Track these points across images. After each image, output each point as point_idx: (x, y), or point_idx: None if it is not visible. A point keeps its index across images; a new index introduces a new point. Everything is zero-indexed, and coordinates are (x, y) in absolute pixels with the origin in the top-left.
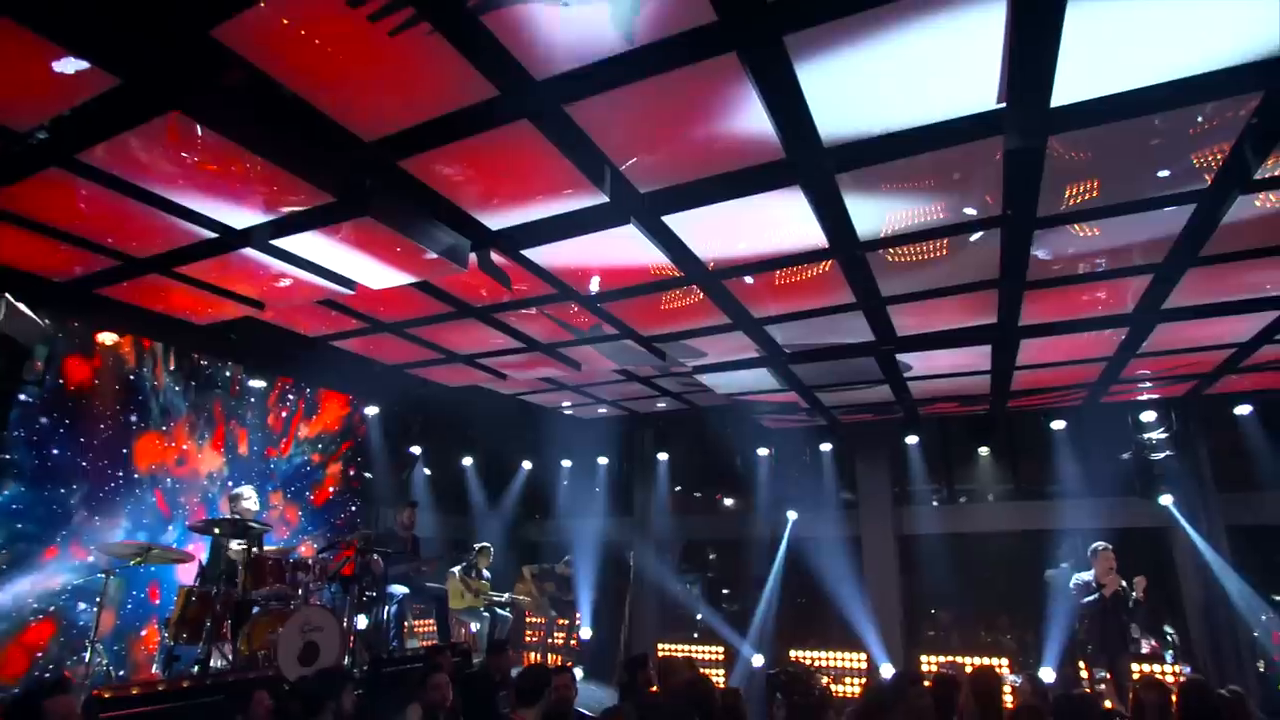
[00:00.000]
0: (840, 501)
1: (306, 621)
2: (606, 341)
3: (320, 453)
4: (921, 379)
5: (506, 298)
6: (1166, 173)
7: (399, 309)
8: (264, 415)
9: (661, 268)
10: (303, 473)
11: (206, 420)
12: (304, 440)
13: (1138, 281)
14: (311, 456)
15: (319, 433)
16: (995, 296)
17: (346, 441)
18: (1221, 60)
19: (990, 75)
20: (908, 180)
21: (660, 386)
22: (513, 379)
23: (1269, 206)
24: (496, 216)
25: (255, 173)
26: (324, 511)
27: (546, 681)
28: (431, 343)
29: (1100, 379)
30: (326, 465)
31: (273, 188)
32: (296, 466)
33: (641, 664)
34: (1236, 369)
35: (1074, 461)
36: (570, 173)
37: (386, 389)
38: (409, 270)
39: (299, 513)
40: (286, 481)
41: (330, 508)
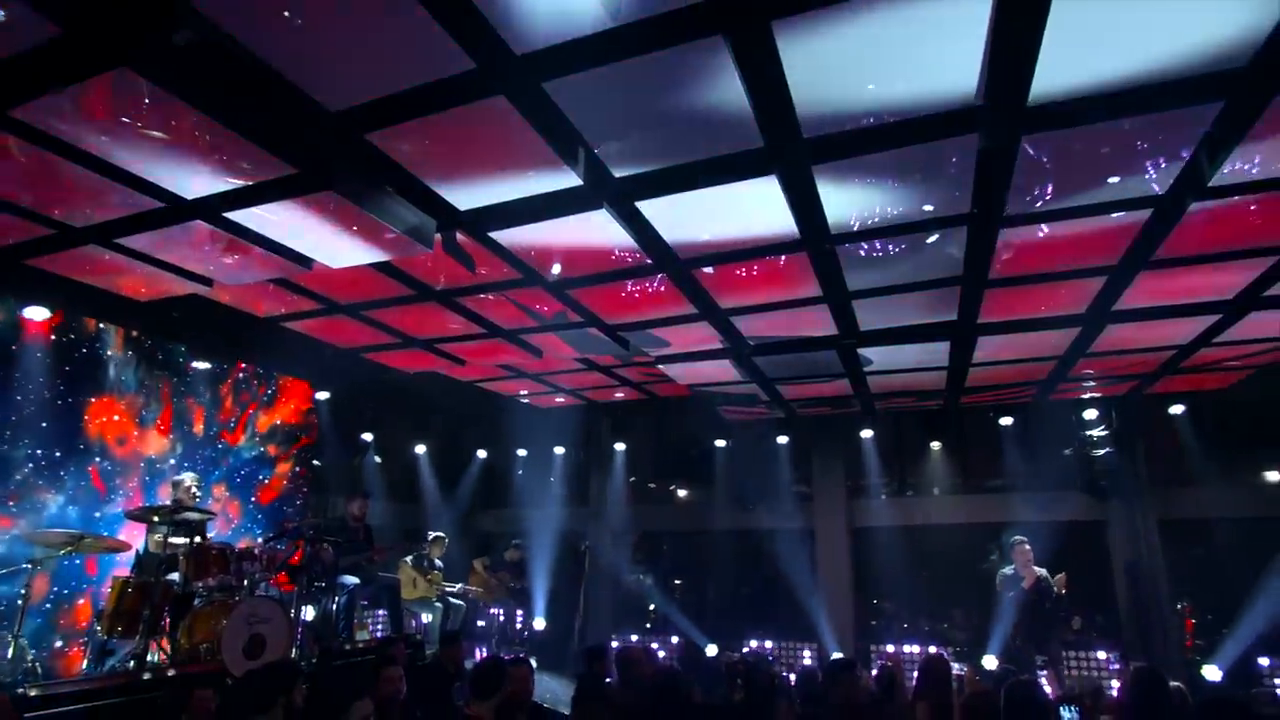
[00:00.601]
0: (796, 494)
1: (252, 613)
2: (570, 329)
3: (275, 446)
4: (880, 373)
5: (470, 281)
6: (1119, 179)
7: (357, 290)
8: (217, 401)
9: (631, 254)
10: (251, 467)
11: (154, 400)
12: (257, 435)
13: (1092, 283)
14: (268, 448)
15: (274, 426)
16: (957, 293)
17: (304, 438)
18: (1192, 64)
19: (970, 72)
20: (882, 175)
21: (620, 376)
22: (472, 365)
23: (1218, 213)
24: (465, 196)
25: (210, 139)
26: (268, 510)
27: (502, 674)
28: (389, 326)
29: (1050, 377)
30: (277, 463)
31: (229, 156)
32: (245, 460)
33: (600, 655)
34: (1175, 370)
35: (1020, 456)
36: (544, 153)
37: (339, 373)
38: (371, 249)
39: (241, 509)
40: (232, 475)
41: (275, 507)
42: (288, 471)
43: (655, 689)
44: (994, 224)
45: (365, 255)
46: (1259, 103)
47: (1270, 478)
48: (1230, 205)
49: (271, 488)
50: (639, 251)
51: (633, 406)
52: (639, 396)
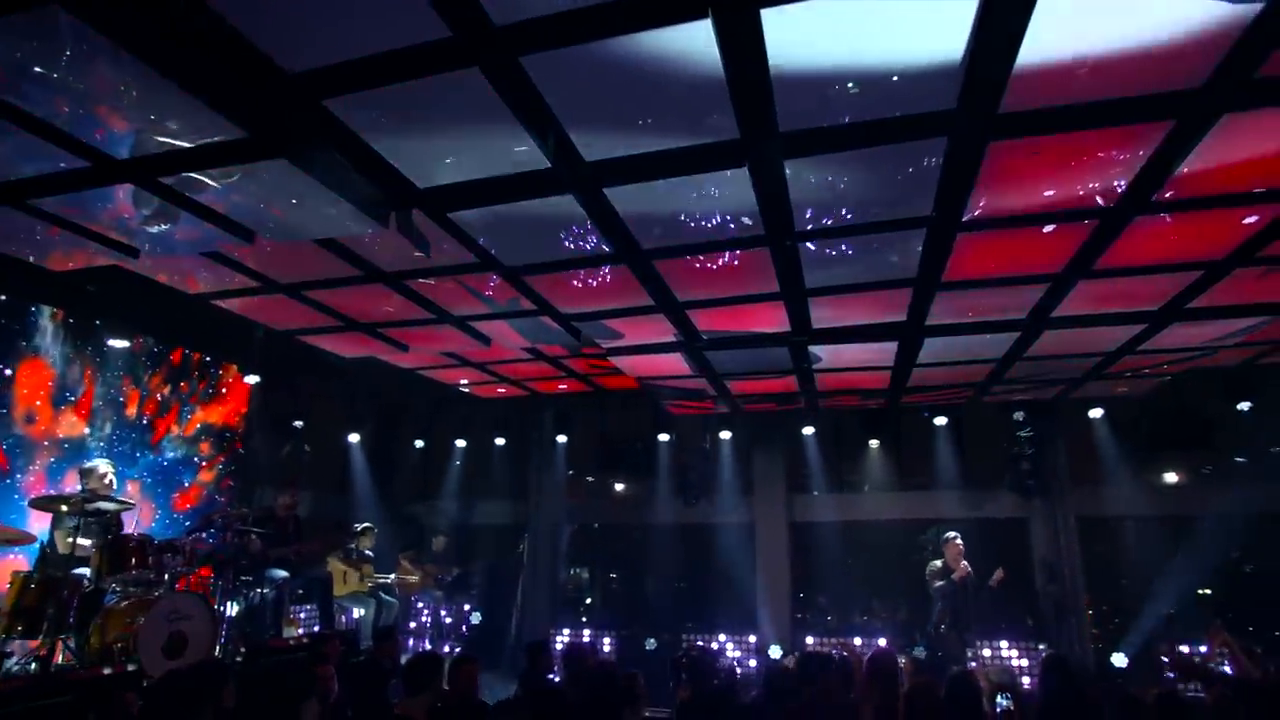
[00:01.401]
0: (737, 488)
1: (173, 609)
2: (522, 317)
3: (207, 444)
4: (828, 371)
5: (422, 264)
6: (1076, 187)
7: (299, 268)
8: (147, 390)
9: (592, 242)
10: (172, 469)
11: (75, 378)
12: (185, 434)
13: (1035, 289)
14: (199, 446)
15: (207, 427)
16: (909, 294)
17: (237, 443)
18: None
19: (952, 75)
20: (853, 173)
21: (567, 367)
22: (415, 351)
23: (1157, 228)
24: (425, 173)
25: (151, 93)
26: (183, 518)
27: (437, 669)
28: (331, 308)
29: (987, 379)
30: (200, 469)
31: (171, 113)
32: (168, 460)
33: (541, 650)
34: (1100, 376)
35: (952, 456)
36: (515, 132)
37: (271, 357)
38: (320, 225)
39: (155, 513)
40: (150, 473)
41: (190, 516)
42: (210, 481)
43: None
44: (952, 228)
45: (314, 231)
46: (1203, 124)
47: (1169, 479)
48: (1167, 220)
49: (190, 495)
50: (601, 240)
51: (576, 399)
52: (584, 389)
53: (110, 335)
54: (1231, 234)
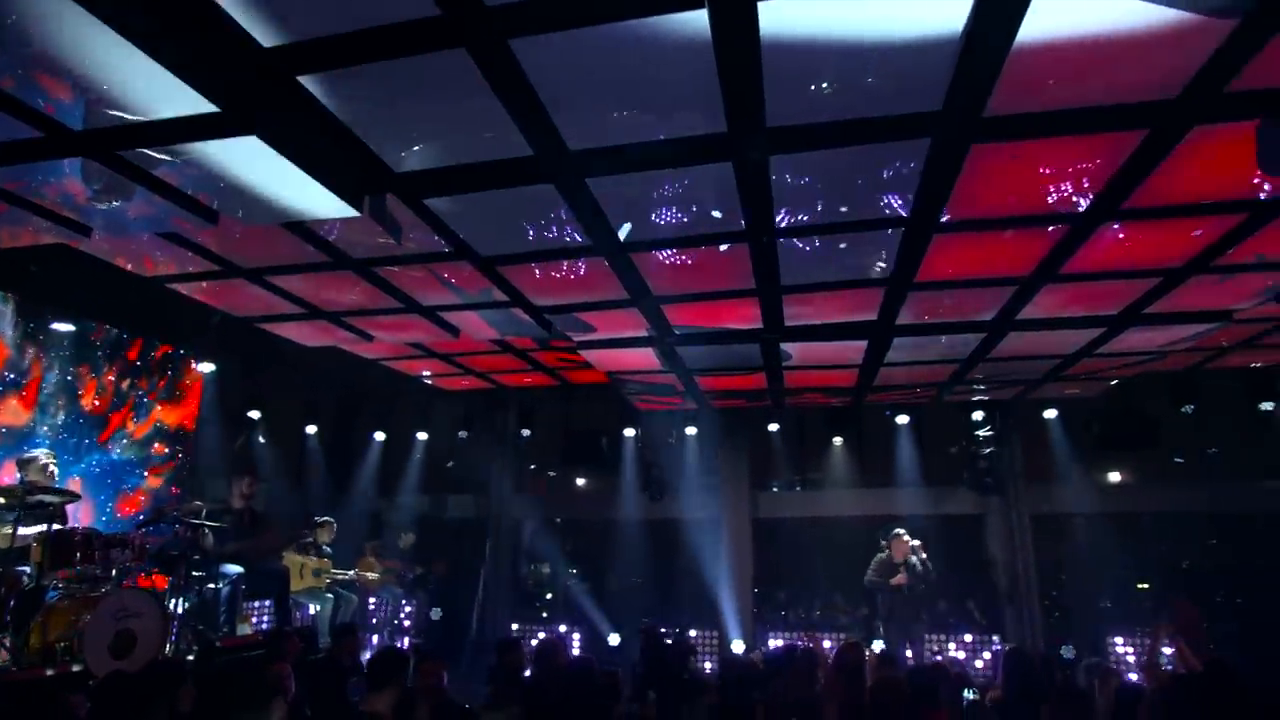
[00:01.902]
0: (702, 484)
1: (121, 607)
2: (494, 308)
3: (162, 445)
4: (797, 369)
5: (394, 251)
6: (1058, 194)
7: (262, 252)
8: (103, 382)
9: (571, 234)
10: (119, 469)
11: (22, 364)
12: (134, 437)
13: (1003, 291)
14: (154, 448)
15: (161, 428)
16: (881, 294)
17: (186, 446)
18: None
19: (940, 77)
20: (834, 171)
21: (535, 360)
22: (380, 341)
23: (1122, 232)
24: (402, 157)
25: (112, 60)
26: (122, 525)
27: (401, 665)
28: (294, 295)
29: (950, 379)
30: (148, 474)
31: (135, 83)
32: (114, 460)
33: (513, 648)
34: (1057, 378)
35: (912, 453)
36: (498, 117)
37: (228, 344)
38: (290, 208)
39: (94, 516)
40: (94, 471)
41: (129, 524)
42: (158, 487)
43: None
44: (929, 229)
45: (283, 213)
46: (1175, 135)
47: (1117, 478)
48: (1132, 228)
49: (133, 500)
50: (579, 231)
51: (541, 392)
52: (549, 382)
53: (57, 318)
54: (1190, 242)
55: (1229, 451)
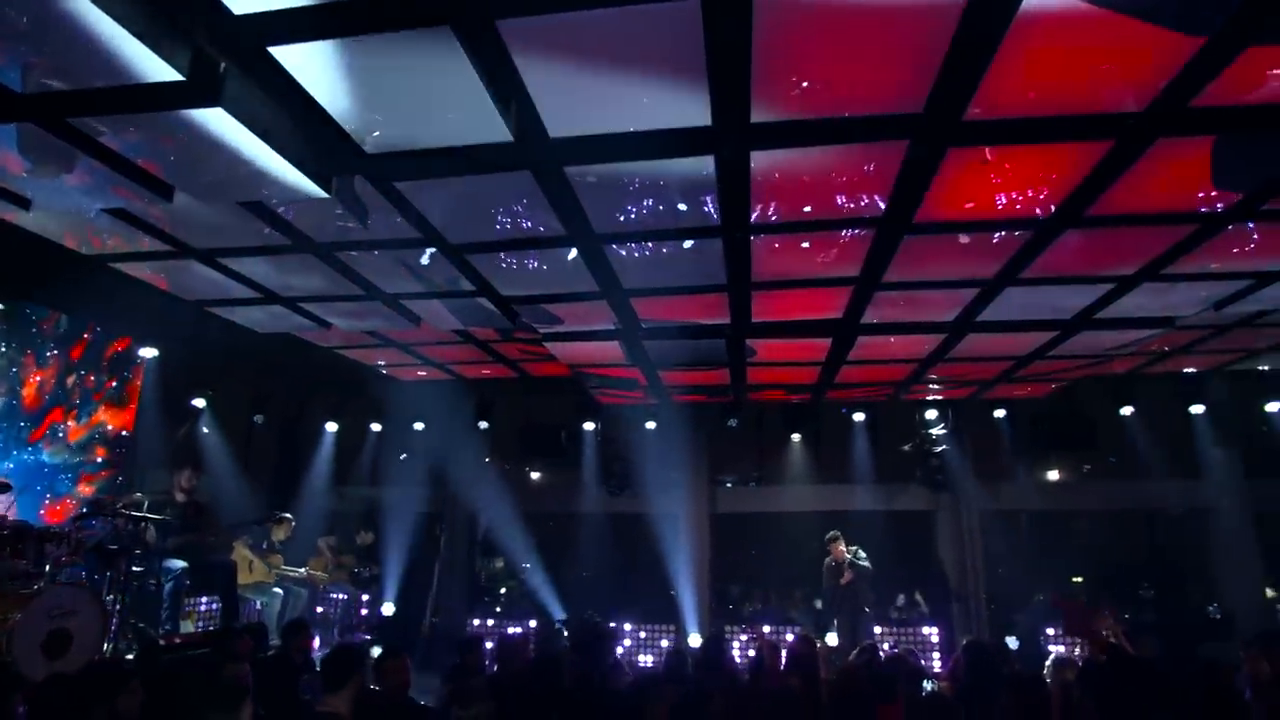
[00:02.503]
0: (661, 479)
1: (55, 605)
2: (459, 298)
3: (103, 449)
4: (761, 365)
5: (359, 235)
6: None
7: (220, 233)
8: (43, 377)
9: (545, 224)
10: (50, 473)
11: None
12: (67, 443)
13: (966, 292)
14: (92, 452)
15: (101, 431)
16: (849, 293)
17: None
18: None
19: (925, 79)
20: (813, 171)
21: (497, 351)
22: (337, 329)
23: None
24: (375, 137)
25: (69, 22)
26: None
27: (357, 663)
28: (250, 279)
29: (907, 378)
30: (80, 479)
31: (96, 46)
32: (46, 462)
33: (474, 647)
34: (1009, 379)
35: (867, 451)
36: (479, 100)
37: (173, 328)
38: (254, 186)
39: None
40: (20, 475)
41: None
42: (90, 495)
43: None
44: (902, 229)
45: (245, 192)
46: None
47: (1058, 476)
48: (1098, 234)
49: (61, 509)
50: (554, 221)
51: (501, 384)
52: (509, 374)
53: None
54: (1143, 250)
55: (1161, 452)
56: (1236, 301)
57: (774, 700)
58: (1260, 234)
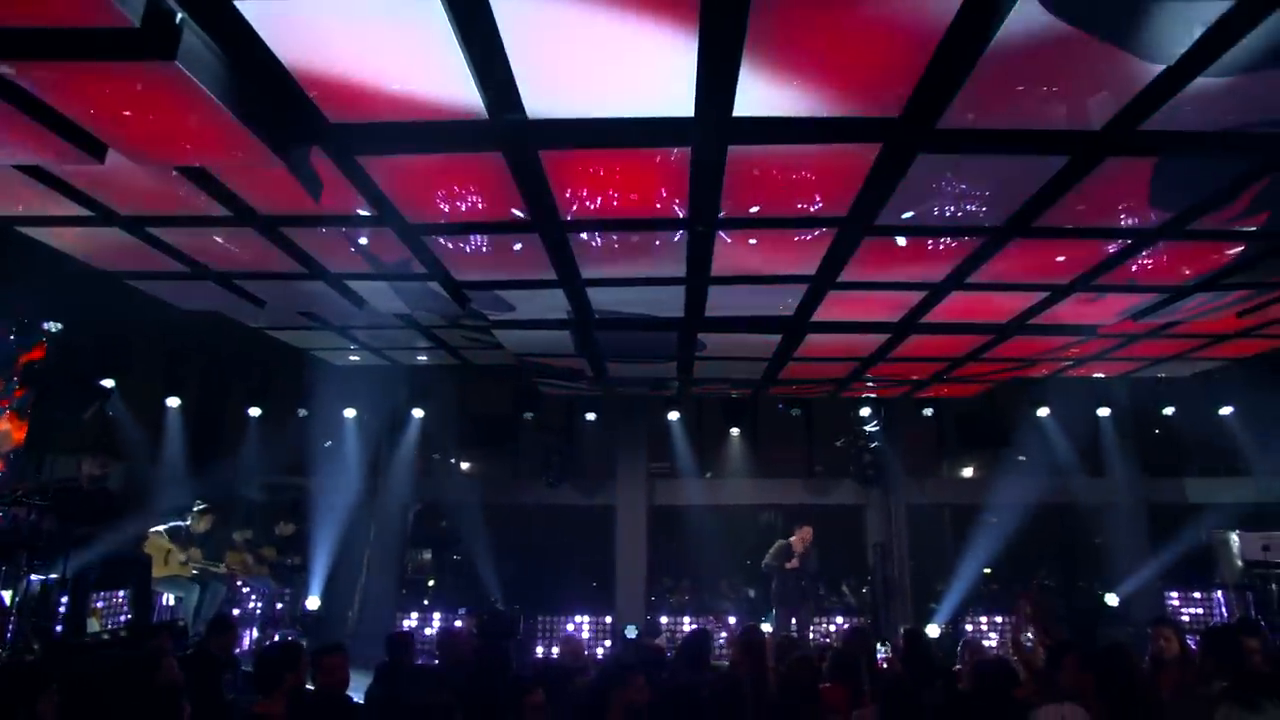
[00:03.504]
0: (599, 470)
1: None
2: (409, 280)
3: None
4: (708, 359)
5: (308, 210)
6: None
7: (150, 200)
8: None
9: (510, 208)
10: None
11: None
12: None
13: (913, 295)
14: None
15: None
16: (803, 290)
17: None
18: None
19: (908, 83)
20: (789, 170)
21: (439, 337)
22: (272, 308)
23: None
24: (340, 106)
25: None
26: None
27: (292, 661)
28: (181, 251)
29: (848, 376)
30: None
31: None
32: None
33: (406, 644)
34: (943, 379)
35: (803, 446)
36: (457, 71)
37: (83, 301)
38: (201, 150)
39: None
40: None
41: None
42: None
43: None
44: (861, 230)
45: (190, 156)
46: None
47: (978, 473)
48: (1040, 245)
49: None
50: (522, 205)
51: (437, 371)
52: (450, 361)
53: None
54: (1075, 263)
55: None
56: (1151, 313)
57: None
58: (1181, 251)
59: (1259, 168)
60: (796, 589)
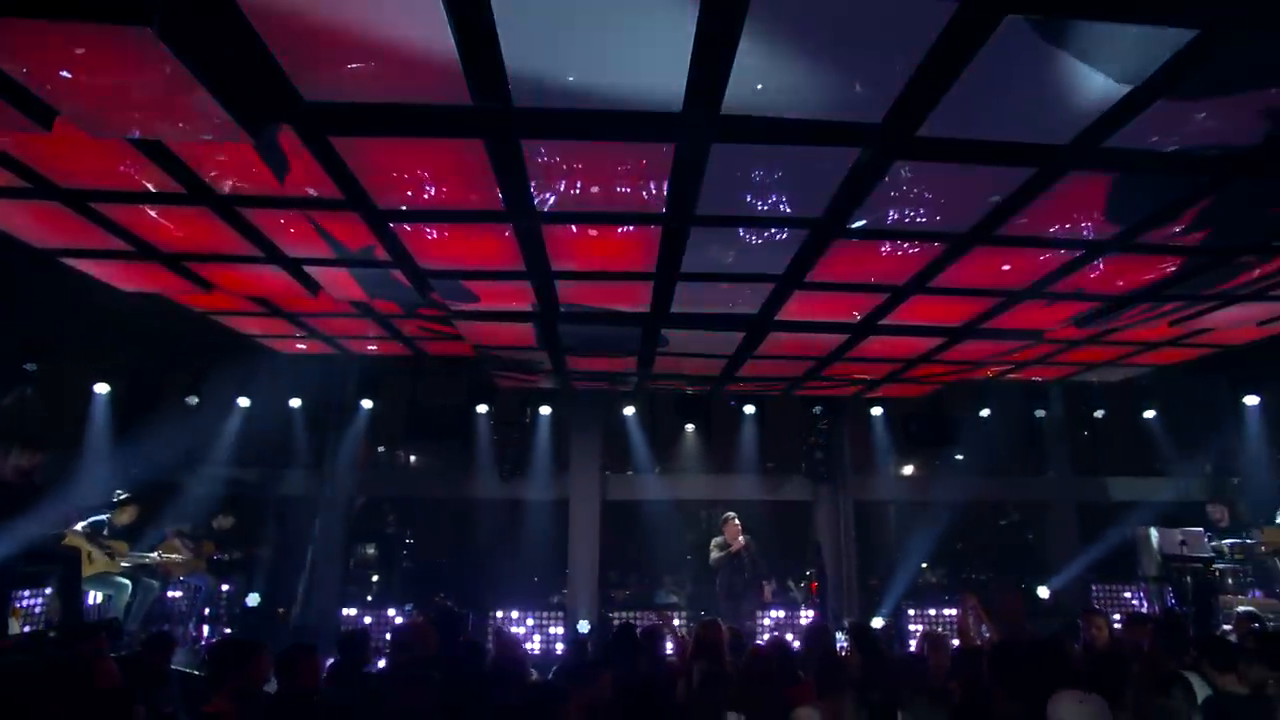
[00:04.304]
0: (553, 464)
1: None
2: (371, 267)
3: None
4: (669, 355)
5: (270, 191)
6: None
7: (96, 173)
8: None
9: (486, 196)
10: None
11: None
12: None
13: (876, 297)
14: None
15: None
16: (769, 289)
17: None
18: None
19: (892, 91)
20: (772, 170)
21: (394, 327)
22: (219, 292)
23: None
24: (317, 83)
25: None
26: None
27: (242, 659)
28: (126, 228)
29: (804, 375)
30: None
31: None
32: None
33: (357, 642)
34: (895, 379)
35: (755, 442)
36: (442, 52)
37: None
38: (164, 122)
39: None
40: None
41: None
42: None
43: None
44: (830, 234)
45: (152, 128)
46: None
47: (921, 471)
48: (998, 253)
49: None
50: (495, 195)
51: (388, 361)
52: (401, 351)
53: None
54: (1030, 271)
55: (1008, 451)
56: (1094, 320)
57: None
58: (1127, 262)
59: (1204, 188)
60: (740, 581)
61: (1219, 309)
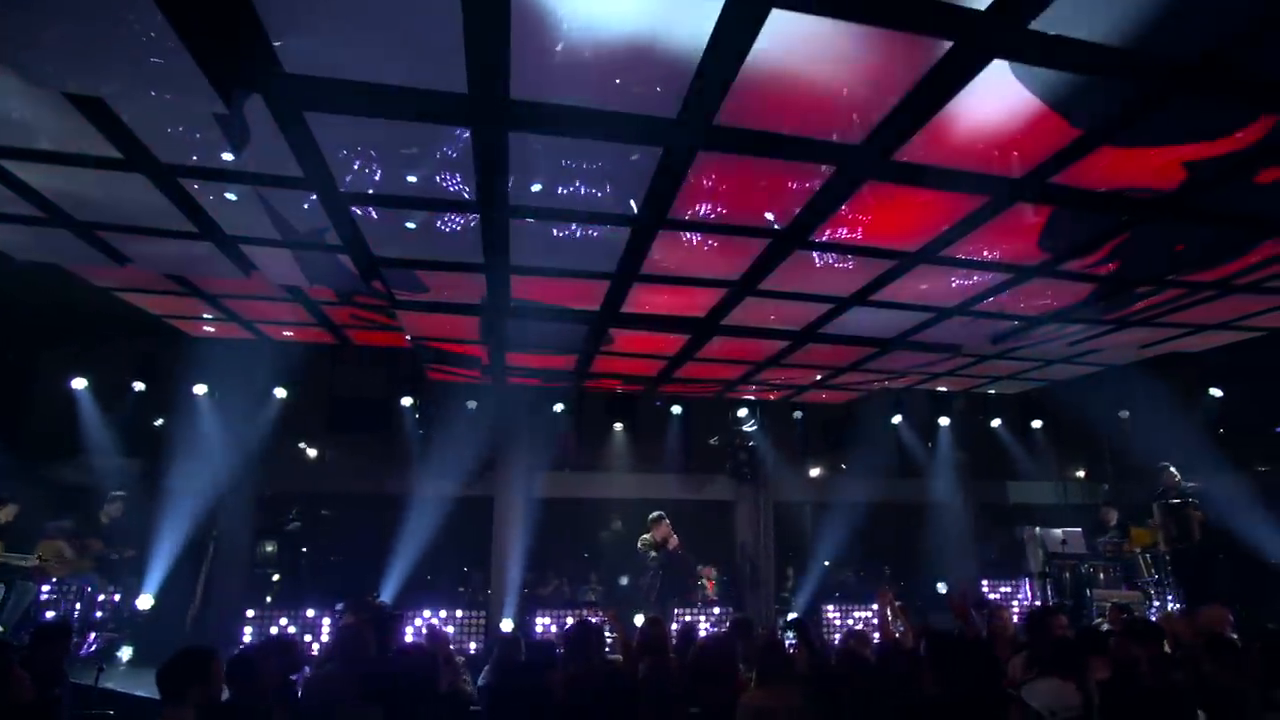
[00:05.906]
0: (480, 461)
1: None
2: (318, 250)
3: None
4: (611, 355)
5: (221, 164)
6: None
7: (22, 129)
8: None
9: (454, 187)
10: None
11: None
12: None
13: (820, 307)
14: None
15: None
16: (721, 294)
17: None
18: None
19: (875, 115)
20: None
21: (323, 314)
22: (135, 267)
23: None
24: (301, 54)
25: None
26: None
27: (199, 669)
28: (38, 191)
29: (740, 378)
30: None
31: None
32: None
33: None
34: (823, 386)
35: (680, 443)
36: (446, 36)
37: None
38: (128, 78)
39: None
40: None
41: None
42: None
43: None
44: (796, 244)
45: (110, 82)
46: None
47: (833, 472)
48: (940, 271)
49: None
50: (471, 185)
51: (306, 349)
52: (323, 339)
53: None
54: (967, 288)
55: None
56: (1008, 337)
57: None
58: (1046, 287)
59: (1124, 224)
60: (670, 581)
61: (1111, 333)
